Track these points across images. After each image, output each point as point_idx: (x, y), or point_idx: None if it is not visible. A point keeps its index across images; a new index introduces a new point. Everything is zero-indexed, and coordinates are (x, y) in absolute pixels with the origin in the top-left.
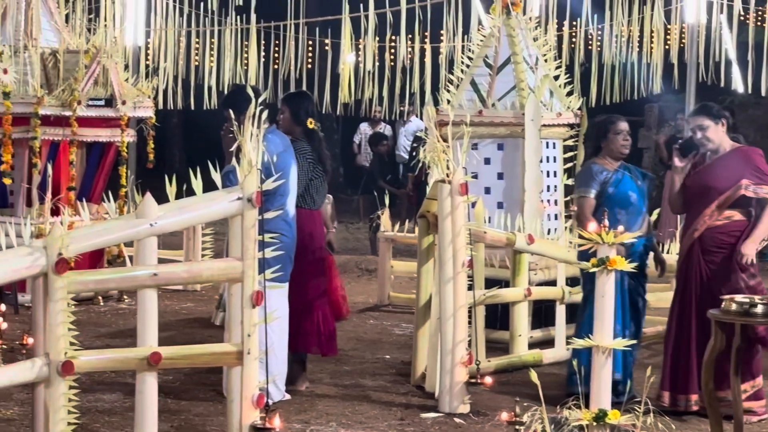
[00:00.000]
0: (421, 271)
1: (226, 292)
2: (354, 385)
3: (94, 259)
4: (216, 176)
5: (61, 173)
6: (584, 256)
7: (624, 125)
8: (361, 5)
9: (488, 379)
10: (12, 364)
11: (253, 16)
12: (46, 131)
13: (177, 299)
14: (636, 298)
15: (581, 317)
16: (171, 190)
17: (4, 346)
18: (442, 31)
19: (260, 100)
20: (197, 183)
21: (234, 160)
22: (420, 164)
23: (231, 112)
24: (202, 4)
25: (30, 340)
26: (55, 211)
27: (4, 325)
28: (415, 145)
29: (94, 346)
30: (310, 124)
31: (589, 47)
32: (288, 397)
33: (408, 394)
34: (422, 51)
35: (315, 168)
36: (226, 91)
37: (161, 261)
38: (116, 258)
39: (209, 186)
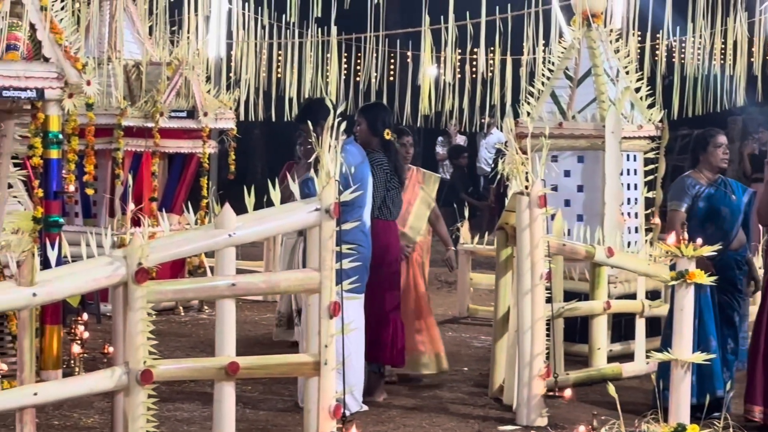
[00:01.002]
0: (500, 283)
1: (283, 306)
2: (432, 396)
3: (175, 269)
4: (294, 188)
5: (143, 184)
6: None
7: (723, 138)
8: (442, 17)
9: (567, 392)
10: (92, 373)
11: (334, 29)
12: (128, 142)
13: (257, 310)
14: (730, 313)
15: (667, 331)
16: (250, 201)
17: (86, 355)
18: (523, 43)
19: (338, 111)
20: (275, 194)
21: (312, 170)
22: (500, 176)
23: (309, 124)
24: (283, 17)
25: (111, 349)
26: (137, 222)
27: (86, 335)
28: (496, 157)
29: (173, 356)
30: (387, 135)
31: (672, 59)
32: (365, 408)
33: (486, 407)
34: (503, 63)
35: (391, 179)
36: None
37: (241, 271)
38: (197, 268)
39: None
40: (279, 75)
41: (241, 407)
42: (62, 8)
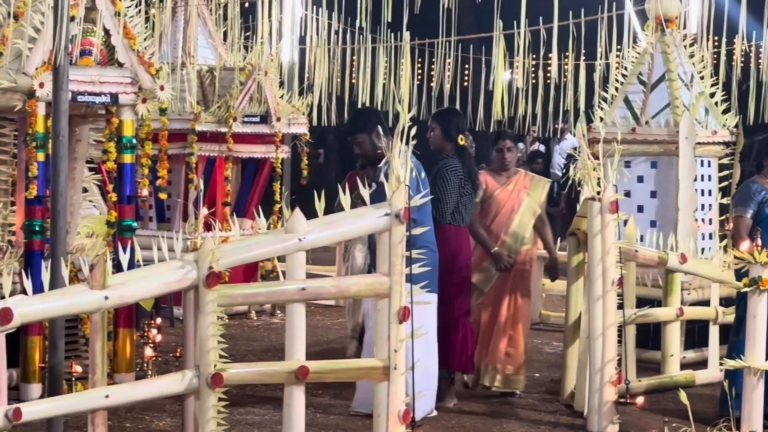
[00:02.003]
0: (571, 289)
1: (353, 317)
2: (502, 402)
3: (247, 273)
4: (365, 193)
5: (216, 189)
6: (740, 275)
7: None
8: (515, 22)
9: (639, 399)
10: (163, 376)
11: (407, 34)
12: (202, 147)
13: (328, 314)
14: None
15: (734, 338)
16: (320, 205)
17: (159, 359)
18: (596, 48)
19: (410, 116)
20: (345, 199)
21: (382, 175)
22: (571, 182)
23: (380, 129)
24: (356, 22)
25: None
26: (211, 226)
27: (159, 338)
28: (567, 162)
29: (245, 360)
30: (461, 140)
31: (749, 64)
32: (435, 413)
33: (556, 413)
34: (576, 68)
35: (465, 185)
36: (380, 109)
37: (313, 276)
38: (270, 273)
39: None
40: (354, 80)
41: (312, 411)
42: (137, 14)
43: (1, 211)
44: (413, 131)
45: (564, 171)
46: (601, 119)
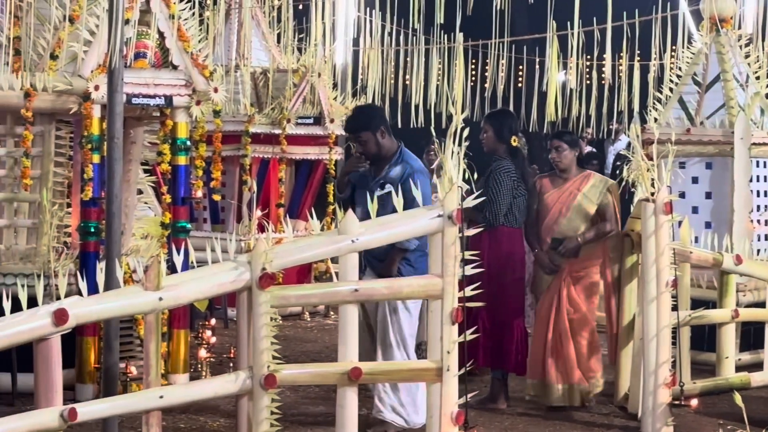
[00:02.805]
0: (625, 290)
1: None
2: None
3: (301, 275)
4: (417, 194)
5: (270, 190)
6: None
7: None
8: (569, 23)
9: (693, 402)
10: (216, 377)
11: (460, 35)
12: (256, 149)
13: None
14: None
15: None
16: (372, 207)
17: (213, 359)
18: (650, 49)
19: (462, 117)
20: (398, 200)
21: (435, 176)
22: (624, 183)
23: (383, 127)
24: (410, 23)
25: None
26: (264, 228)
27: (213, 339)
28: (618, 163)
29: (298, 361)
30: (514, 141)
31: None
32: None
33: (610, 415)
34: (630, 68)
35: (518, 186)
36: (432, 110)
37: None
38: (323, 274)
39: None
40: (407, 82)
41: (365, 412)
42: (191, 16)
43: (57, 212)
44: (466, 132)
45: (615, 172)
46: (656, 120)
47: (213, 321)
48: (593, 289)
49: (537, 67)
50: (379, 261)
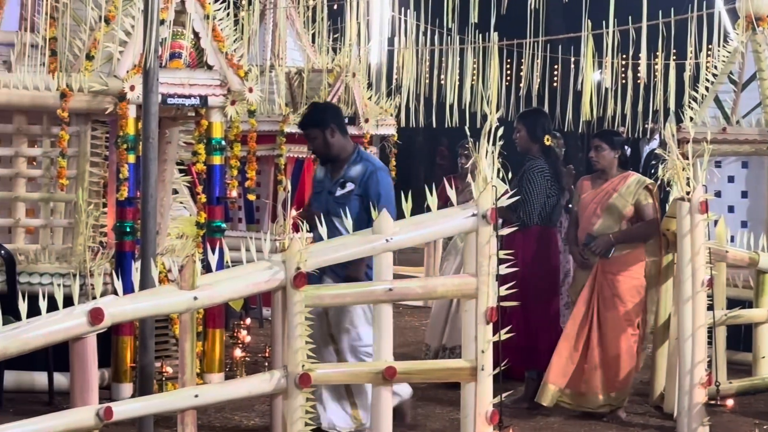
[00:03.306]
0: (660, 290)
1: (434, 341)
2: None
3: None
4: (451, 194)
5: (305, 190)
6: None
7: None
8: (604, 22)
9: (729, 402)
10: (251, 376)
11: (495, 35)
12: (291, 149)
13: (417, 316)
14: None
15: None
16: (407, 206)
17: (248, 359)
18: (686, 48)
19: (497, 116)
20: (432, 199)
21: (469, 176)
22: (659, 182)
23: (335, 126)
24: (444, 23)
25: None
26: (299, 227)
27: (248, 338)
28: (655, 162)
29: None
30: (547, 141)
31: None
32: None
33: (646, 415)
34: (665, 68)
35: (552, 186)
36: (467, 110)
37: (401, 277)
38: None
39: None
40: (442, 81)
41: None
42: (226, 16)
43: (92, 212)
44: (500, 132)
45: (650, 171)
46: (691, 119)
47: (248, 320)
48: (633, 292)
49: (572, 66)
50: (343, 266)
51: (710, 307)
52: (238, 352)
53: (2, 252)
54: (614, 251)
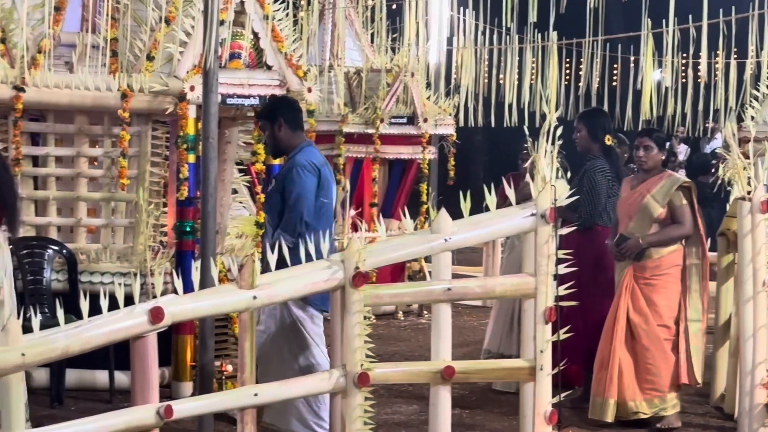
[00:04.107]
0: (721, 290)
1: (494, 346)
2: None
3: (395, 274)
4: (510, 193)
5: (363, 190)
6: None
7: None
8: (664, 21)
9: None
10: (310, 375)
11: (554, 34)
12: (349, 149)
13: (476, 315)
14: None
15: None
16: (465, 206)
17: None
18: (747, 46)
19: (556, 115)
20: (491, 199)
21: (528, 176)
22: (719, 181)
23: (284, 120)
24: (503, 22)
25: None
26: (358, 227)
27: None
28: (716, 161)
29: (392, 360)
30: (608, 140)
31: None
32: None
33: (706, 415)
34: (726, 66)
35: (613, 185)
36: (526, 110)
37: (460, 277)
38: (417, 273)
39: None
40: (501, 81)
41: (458, 411)
42: (285, 17)
43: (153, 212)
44: (560, 131)
45: (711, 170)
46: (752, 118)
47: None
48: (666, 295)
49: (632, 65)
50: None
51: None
52: None
53: (64, 251)
54: (646, 255)
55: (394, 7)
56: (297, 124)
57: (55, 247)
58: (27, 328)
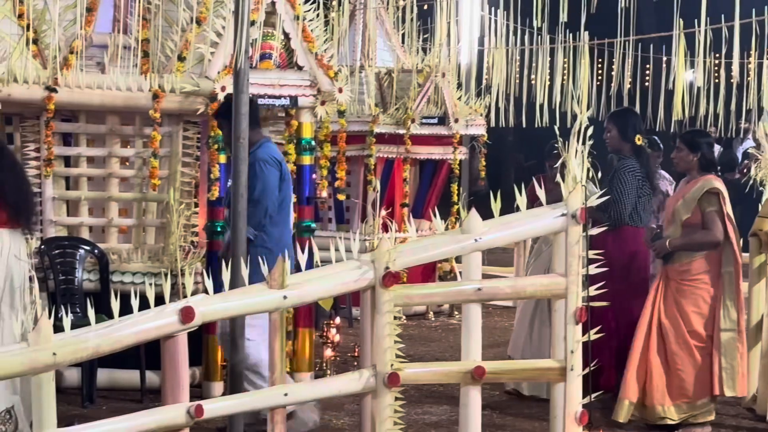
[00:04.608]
0: (752, 291)
1: (516, 353)
2: None
3: (425, 274)
4: (540, 193)
5: (394, 190)
6: None
7: None
8: (695, 21)
9: None
10: (340, 375)
11: (585, 34)
12: (380, 149)
13: (506, 316)
14: None
15: None
16: (496, 206)
17: (338, 358)
18: None
19: (587, 115)
20: (521, 199)
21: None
22: (751, 181)
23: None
24: (534, 22)
25: None
26: (388, 227)
27: (338, 338)
28: (745, 161)
29: (423, 360)
30: (638, 140)
31: None
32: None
33: (738, 417)
34: (759, 66)
35: (643, 186)
36: (557, 110)
37: (491, 277)
38: (448, 274)
39: None
40: (532, 81)
41: (489, 411)
42: (316, 17)
43: (184, 212)
44: (590, 131)
45: (743, 170)
46: None
47: (338, 320)
48: (696, 301)
49: (663, 65)
50: None
51: None
52: (327, 352)
53: (95, 251)
54: (676, 258)
55: (425, 7)
56: (255, 121)
57: (87, 247)
58: (58, 328)
